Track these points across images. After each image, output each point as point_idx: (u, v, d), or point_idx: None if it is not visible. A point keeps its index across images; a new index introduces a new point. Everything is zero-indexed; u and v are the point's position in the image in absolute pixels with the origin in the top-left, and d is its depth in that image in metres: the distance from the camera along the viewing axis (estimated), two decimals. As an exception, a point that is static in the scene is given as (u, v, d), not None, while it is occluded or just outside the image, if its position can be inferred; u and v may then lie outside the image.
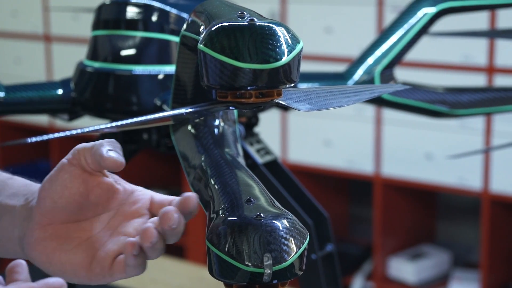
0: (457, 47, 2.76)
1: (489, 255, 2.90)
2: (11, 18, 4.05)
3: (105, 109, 1.28)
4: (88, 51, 1.32)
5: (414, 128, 2.88)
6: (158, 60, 1.24)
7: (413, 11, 1.36)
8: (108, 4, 1.31)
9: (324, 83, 1.30)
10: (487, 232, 2.88)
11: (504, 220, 2.94)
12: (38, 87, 1.34)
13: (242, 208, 0.72)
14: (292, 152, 3.24)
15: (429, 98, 1.35)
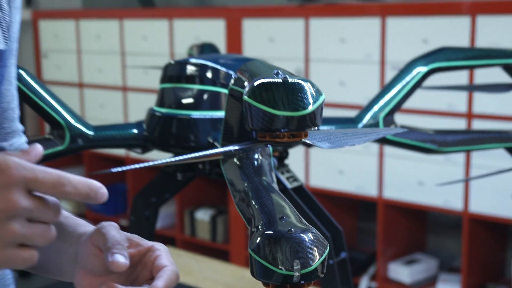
0: (443, 97, 2.74)
1: (468, 262, 2.87)
2: (98, 73, 4.09)
3: (170, 145, 1.28)
4: (157, 99, 1.33)
5: (409, 161, 2.87)
6: (211, 107, 1.25)
7: (409, 70, 1.36)
8: (172, 63, 1.32)
9: (340, 126, 1.30)
10: (467, 244, 2.86)
11: (480, 234, 2.91)
12: (118, 127, 1.35)
13: (277, 224, 0.72)
14: (314, 179, 3.23)
15: (422, 138, 1.34)
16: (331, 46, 3.10)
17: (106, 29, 4.01)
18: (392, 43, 2.92)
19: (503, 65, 1.40)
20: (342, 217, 3.38)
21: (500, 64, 1.40)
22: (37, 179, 0.64)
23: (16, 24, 0.92)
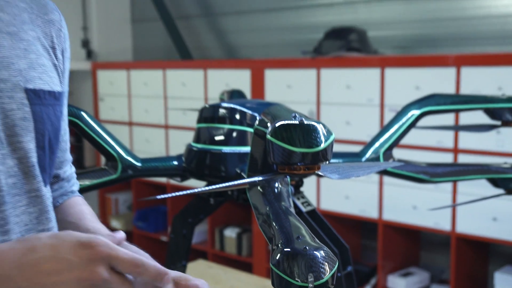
0: (433, 135, 2.73)
1: (456, 275, 2.84)
2: (144, 114, 4.12)
3: (204, 174, 1.29)
4: (194, 136, 1.34)
5: (405, 188, 2.85)
6: (238, 143, 1.26)
7: (405, 112, 1.36)
8: (207, 107, 1.33)
9: (346, 160, 1.30)
10: (454, 259, 2.82)
11: (466, 251, 2.88)
12: (161, 160, 1.36)
13: (294, 243, 0.72)
14: (324, 203, 3.21)
15: (416, 170, 1.34)
16: (338, 92, 3.10)
17: (152, 77, 4.05)
18: (390, 90, 2.92)
19: (484, 109, 1.39)
20: (348, 236, 3.35)
21: (482, 108, 1.40)
22: (118, 258, 0.66)
23: (67, 70, 0.93)
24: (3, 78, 0.77)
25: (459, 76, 2.70)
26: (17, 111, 0.78)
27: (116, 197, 4.59)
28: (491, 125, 1.43)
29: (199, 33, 4.48)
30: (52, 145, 0.84)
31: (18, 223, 0.78)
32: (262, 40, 4.12)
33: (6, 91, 0.77)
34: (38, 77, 0.82)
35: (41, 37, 0.86)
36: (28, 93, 0.79)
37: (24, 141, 0.78)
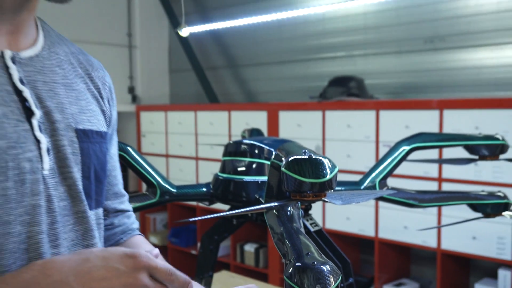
0: (421, 167, 2.71)
1: (441, 286, 2.79)
2: (179, 148, 4.15)
3: (228, 199, 1.28)
4: (220, 167, 1.33)
5: (397, 211, 2.82)
6: (257, 173, 1.25)
7: (396, 148, 1.35)
8: (231, 143, 1.33)
9: (348, 188, 1.29)
10: (440, 272, 2.78)
11: (450, 265, 2.83)
12: (192, 187, 1.36)
13: (304, 258, 0.71)
14: (329, 223, 3.18)
15: (406, 196, 1.32)
16: (340, 130, 3.10)
17: (185, 117, 4.08)
18: (384, 128, 2.91)
19: (464, 145, 1.38)
20: (349, 251, 3.32)
21: (462, 145, 1.39)
22: (156, 267, 0.69)
23: (114, 117, 0.94)
24: (57, 120, 0.78)
25: (442, 118, 2.69)
26: (68, 147, 0.78)
27: (154, 217, 4.60)
28: (470, 159, 1.41)
29: (224, 81, 4.53)
30: (98, 176, 0.84)
31: (66, 239, 0.77)
32: (276, 87, 4.15)
33: (60, 130, 0.78)
34: (87, 120, 0.83)
35: (90, 88, 0.87)
36: (77, 133, 0.80)
37: (72, 172, 0.78)
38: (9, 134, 0.71)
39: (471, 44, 3.12)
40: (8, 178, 0.70)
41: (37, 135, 0.74)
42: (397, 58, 3.43)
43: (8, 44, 0.76)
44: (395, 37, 3.42)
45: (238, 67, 4.43)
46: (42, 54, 0.81)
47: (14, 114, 0.72)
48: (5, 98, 0.72)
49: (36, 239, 0.72)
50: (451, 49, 3.19)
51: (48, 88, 0.79)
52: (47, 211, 0.74)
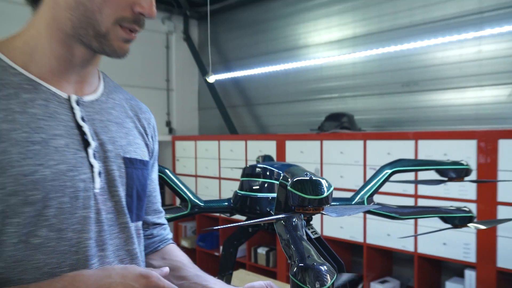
0: (401, 186, 2.68)
1: (418, 283, 2.73)
2: (205, 169, 4.15)
3: (245, 212, 1.27)
4: (239, 186, 1.33)
5: (382, 222, 2.78)
6: (268, 191, 1.24)
7: (381, 171, 1.34)
8: (248, 167, 1.33)
9: (341, 203, 1.28)
10: (417, 272, 2.71)
11: (425, 266, 2.77)
12: (216, 201, 1.35)
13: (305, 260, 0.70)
14: (326, 231, 3.14)
15: (389, 210, 1.31)
16: (335, 156, 3.09)
17: (211, 145, 4.10)
18: (370, 155, 2.90)
19: (435, 169, 1.37)
20: (342, 254, 3.27)
21: (434, 169, 1.37)
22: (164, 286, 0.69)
23: (156, 150, 0.95)
24: (109, 149, 0.79)
25: (417, 146, 2.67)
26: (116, 171, 0.79)
27: (185, 225, 4.57)
28: (440, 180, 1.40)
29: (242, 117, 4.55)
30: (139, 195, 0.84)
31: (112, 244, 0.77)
32: (283, 121, 4.16)
33: (110, 158, 0.79)
34: (133, 150, 0.84)
35: (137, 126, 0.88)
36: (125, 160, 0.81)
37: (119, 191, 0.79)
38: (69, 160, 0.72)
39: (439, 87, 3.11)
40: (65, 194, 0.71)
41: (91, 161, 0.75)
42: (380, 99, 3.43)
43: (75, 91, 0.78)
44: (378, 82, 3.43)
45: (252, 106, 4.45)
46: (101, 99, 0.82)
47: (74, 144, 0.74)
48: (69, 131, 0.74)
49: (85, 244, 0.72)
50: (423, 92, 3.19)
51: (103, 125, 0.80)
52: (95, 221, 0.75)
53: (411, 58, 3.23)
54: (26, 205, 0.67)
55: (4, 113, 0.67)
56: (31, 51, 0.73)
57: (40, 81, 0.73)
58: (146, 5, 0.73)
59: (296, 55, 3.97)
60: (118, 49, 0.74)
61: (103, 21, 0.71)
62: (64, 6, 0.71)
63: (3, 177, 0.65)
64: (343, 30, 3.64)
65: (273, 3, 4.17)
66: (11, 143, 0.66)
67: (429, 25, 3.14)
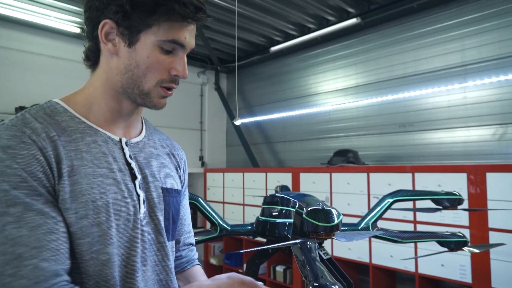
0: (401, 213, 2.60)
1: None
2: (231, 196, 4.13)
3: (266, 235, 1.25)
4: (260, 212, 1.31)
5: (385, 244, 2.67)
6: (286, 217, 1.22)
7: (383, 200, 1.31)
8: (268, 196, 1.32)
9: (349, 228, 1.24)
10: None
11: (425, 285, 2.62)
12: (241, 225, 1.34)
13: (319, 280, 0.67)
14: (336, 252, 3.04)
15: (391, 235, 1.26)
16: (342, 186, 3.03)
17: (236, 177, 4.08)
18: (373, 185, 2.83)
19: (431, 199, 1.32)
20: (351, 273, 3.14)
21: (430, 198, 1.33)
22: None
23: (186, 180, 0.96)
24: (151, 181, 0.81)
25: (414, 178, 2.60)
26: (156, 199, 0.81)
27: (214, 245, 4.51)
28: (436, 208, 1.35)
29: (262, 153, 4.55)
30: (174, 218, 0.85)
31: (151, 260, 0.78)
32: (298, 156, 4.14)
33: (151, 188, 0.81)
34: (169, 181, 0.85)
35: (172, 161, 0.90)
36: (163, 190, 0.83)
37: (158, 215, 0.80)
38: (123, 190, 0.75)
39: (431, 128, 3.06)
40: (121, 217, 0.73)
41: (138, 191, 0.78)
42: (380, 137, 3.39)
43: (124, 134, 0.82)
44: (378, 123, 3.40)
45: (271, 143, 4.46)
46: (144, 140, 0.85)
47: (125, 177, 0.77)
48: (121, 167, 0.77)
49: (132, 258, 0.74)
50: (418, 131, 3.14)
51: (146, 161, 0.83)
52: (141, 240, 0.76)
53: (406, 103, 3.21)
54: (94, 226, 0.69)
55: (75, 152, 0.71)
56: (90, 104, 0.77)
57: (97, 127, 0.77)
58: (180, 69, 0.76)
59: (308, 101, 4.00)
60: (158, 104, 0.77)
61: (146, 83, 0.74)
62: (116, 71, 0.75)
63: (76, 203, 0.68)
64: (347, 81, 3.66)
65: (288, 59, 4.25)
66: (81, 176, 0.70)
67: (420, 76, 3.13)
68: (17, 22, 3.29)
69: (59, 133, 0.71)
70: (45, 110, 0.73)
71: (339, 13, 3.49)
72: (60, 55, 3.52)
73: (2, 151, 0.64)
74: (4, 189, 0.62)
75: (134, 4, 0.70)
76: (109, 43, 0.73)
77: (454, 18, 2.96)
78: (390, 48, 3.34)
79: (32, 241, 0.62)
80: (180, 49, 0.75)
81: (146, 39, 0.72)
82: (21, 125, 0.68)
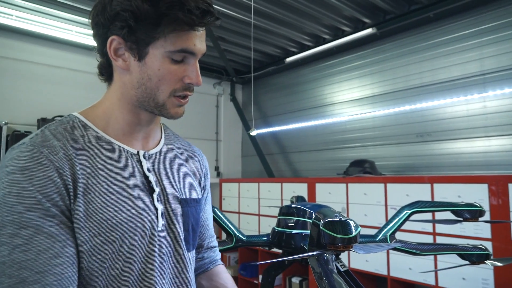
0: (420, 225, 2.54)
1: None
2: (246, 207, 4.11)
3: (282, 246, 1.24)
4: (276, 223, 1.31)
5: (404, 257, 2.61)
6: (302, 228, 1.21)
7: (401, 211, 1.28)
8: (284, 206, 1.31)
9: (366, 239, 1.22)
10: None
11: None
12: (257, 236, 1.33)
13: (337, 292, 0.66)
14: (353, 264, 2.98)
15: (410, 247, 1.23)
16: (359, 197, 2.99)
17: (252, 187, 4.07)
18: (390, 196, 2.78)
19: (450, 210, 1.29)
20: (368, 286, 3.07)
21: (449, 210, 1.30)
22: None
23: (208, 187, 0.95)
24: (169, 193, 0.80)
25: (433, 189, 2.55)
26: (174, 211, 0.80)
27: (229, 255, 4.49)
28: (456, 220, 1.31)
29: (278, 163, 4.54)
30: (194, 228, 0.85)
31: (169, 273, 0.77)
32: (313, 167, 4.11)
33: (170, 200, 0.80)
34: (188, 191, 0.85)
35: (192, 169, 0.90)
36: (181, 201, 0.82)
37: (177, 227, 0.79)
38: (139, 205, 0.74)
39: (450, 138, 3.00)
40: (136, 233, 0.72)
41: (156, 204, 0.77)
42: (397, 147, 3.34)
43: (142, 146, 0.81)
44: (395, 133, 3.35)
45: (287, 153, 4.45)
46: (162, 150, 0.85)
47: (142, 191, 0.76)
48: (138, 181, 0.76)
49: (150, 273, 0.73)
50: (436, 141, 3.08)
51: (165, 172, 0.82)
52: (158, 254, 0.75)
53: (423, 113, 3.16)
54: (107, 244, 0.69)
55: (91, 169, 0.71)
56: (108, 118, 0.78)
57: (115, 141, 0.77)
58: (193, 76, 0.75)
59: (323, 111, 3.98)
60: (175, 114, 0.77)
61: (160, 95, 0.74)
62: (130, 86, 0.75)
63: (90, 221, 0.68)
64: (363, 91, 3.63)
65: (304, 70, 4.26)
66: (95, 194, 0.70)
67: (437, 85, 3.09)
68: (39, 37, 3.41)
69: (76, 150, 0.71)
70: (64, 125, 0.74)
71: (354, 23, 3.49)
72: (80, 68, 3.62)
73: (20, 173, 0.65)
74: (19, 211, 0.63)
75: (137, 18, 0.69)
76: (119, 59, 0.73)
77: (472, 27, 2.92)
78: (407, 57, 3.31)
79: (37, 265, 0.63)
80: (191, 57, 0.73)
81: (155, 52, 0.71)
82: (39, 144, 0.69)
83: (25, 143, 0.69)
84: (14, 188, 0.64)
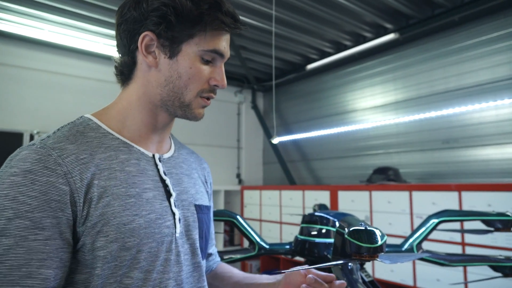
0: (448, 234, 2.45)
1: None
2: (268, 214, 4.10)
3: (304, 254, 1.22)
4: (299, 231, 1.29)
5: (431, 267, 2.53)
6: (325, 236, 1.19)
7: (428, 220, 1.24)
8: (307, 215, 1.29)
9: (392, 249, 1.18)
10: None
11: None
12: (279, 245, 1.32)
13: (363, 303, 0.64)
14: (378, 274, 2.91)
15: (438, 257, 1.19)
16: (383, 205, 2.92)
17: (273, 194, 4.06)
18: (416, 204, 2.70)
19: (481, 220, 1.24)
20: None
21: (479, 219, 1.24)
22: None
23: (211, 194, 0.94)
24: (184, 199, 0.79)
25: (461, 197, 2.46)
26: (191, 217, 0.78)
27: (251, 263, 4.47)
28: (487, 230, 1.26)
29: (299, 170, 4.51)
30: (206, 236, 0.84)
31: (187, 283, 0.75)
32: (336, 174, 4.05)
33: (185, 205, 0.78)
34: (200, 198, 0.83)
35: (200, 176, 0.89)
36: (196, 207, 0.81)
37: (193, 234, 0.78)
38: (157, 210, 0.72)
39: (478, 144, 2.90)
40: (154, 240, 0.70)
41: (173, 209, 0.75)
42: (422, 154, 3.25)
43: (156, 150, 0.80)
44: (420, 139, 3.27)
45: (308, 161, 4.41)
46: (174, 155, 0.84)
47: (160, 195, 0.74)
48: (155, 185, 0.75)
49: (165, 283, 0.71)
50: (463, 148, 2.99)
51: (178, 177, 0.81)
52: (175, 263, 0.73)
53: (449, 118, 3.07)
54: (124, 250, 0.66)
55: (108, 171, 0.69)
56: (124, 119, 0.75)
57: (131, 143, 0.75)
58: (219, 79, 0.75)
59: (345, 118, 3.93)
60: (198, 115, 0.76)
61: (187, 94, 0.73)
62: (155, 84, 0.73)
63: (107, 226, 0.65)
64: (386, 97, 3.57)
65: (325, 76, 4.24)
66: (113, 197, 0.67)
67: (464, 90, 3.00)
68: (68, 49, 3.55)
69: (92, 152, 0.68)
70: (77, 127, 0.71)
71: (376, 29, 3.45)
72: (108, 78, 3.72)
73: (23, 176, 0.62)
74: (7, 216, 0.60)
75: (179, 14, 0.68)
76: (149, 55, 0.71)
77: (500, 29, 2.83)
78: (431, 62, 3.24)
79: (6, 282, 0.59)
80: (219, 59, 0.74)
81: (188, 50, 0.71)
82: (49, 147, 0.65)
83: (35, 144, 0.66)
84: (11, 191, 0.61)
